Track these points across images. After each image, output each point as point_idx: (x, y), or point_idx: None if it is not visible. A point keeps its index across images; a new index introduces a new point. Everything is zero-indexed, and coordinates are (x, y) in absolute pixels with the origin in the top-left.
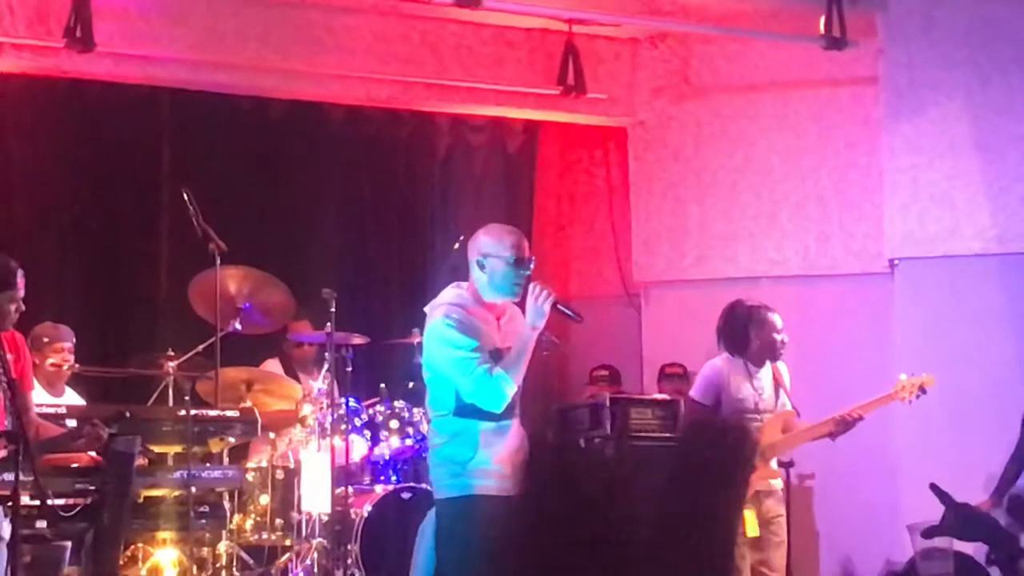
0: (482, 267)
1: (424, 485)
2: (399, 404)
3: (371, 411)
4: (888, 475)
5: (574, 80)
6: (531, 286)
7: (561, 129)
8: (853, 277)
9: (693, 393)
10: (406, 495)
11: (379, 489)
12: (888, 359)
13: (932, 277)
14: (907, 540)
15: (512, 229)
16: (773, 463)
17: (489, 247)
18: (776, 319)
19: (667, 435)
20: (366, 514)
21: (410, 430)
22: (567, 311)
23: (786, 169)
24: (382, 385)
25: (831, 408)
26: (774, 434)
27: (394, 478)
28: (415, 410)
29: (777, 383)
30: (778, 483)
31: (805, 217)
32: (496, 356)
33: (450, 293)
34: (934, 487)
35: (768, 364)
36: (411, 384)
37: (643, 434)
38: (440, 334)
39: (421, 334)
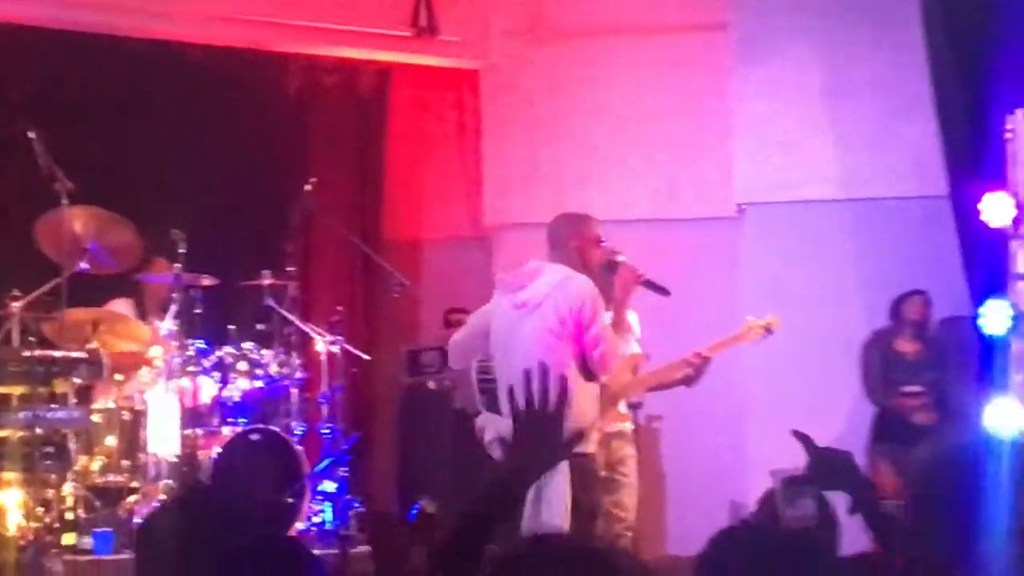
0: (578, 250)
1: (273, 427)
2: (248, 346)
3: (220, 353)
4: (735, 417)
5: (427, 22)
6: (622, 264)
7: (414, 71)
8: (702, 221)
9: None
10: (255, 436)
11: (227, 431)
12: (736, 302)
13: (779, 222)
14: (753, 482)
15: (589, 215)
16: (622, 406)
17: (583, 232)
18: None
19: None
20: (215, 456)
21: (259, 372)
22: (657, 286)
23: (638, 114)
24: (231, 327)
25: (680, 350)
26: (623, 377)
27: (243, 420)
28: (264, 352)
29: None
30: (628, 425)
31: (656, 162)
32: None
33: (566, 268)
34: (797, 432)
35: None
36: (260, 326)
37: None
38: (594, 302)
39: (273, 276)
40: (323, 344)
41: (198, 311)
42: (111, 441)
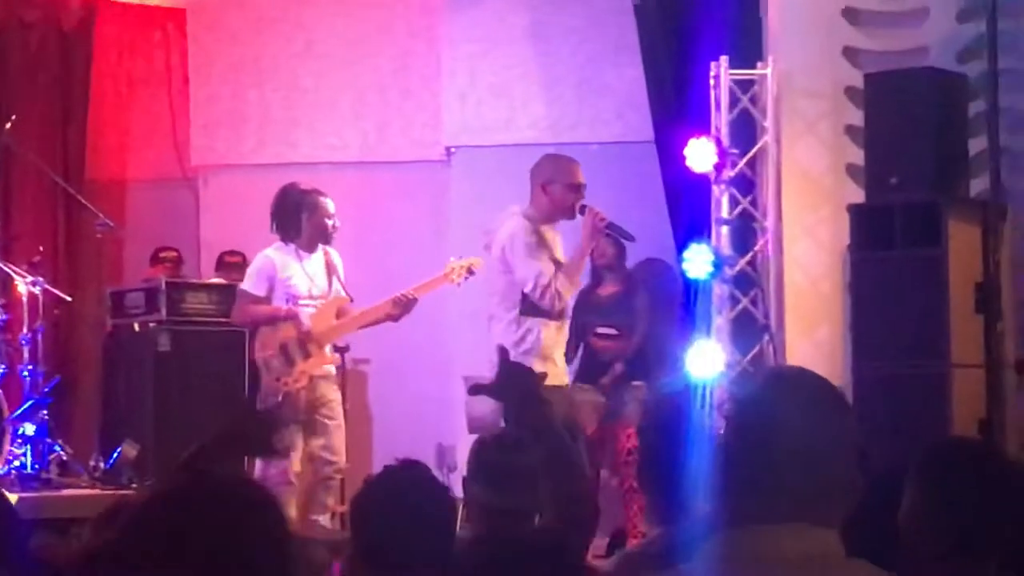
0: (545, 191)
1: None
2: None
3: None
4: (442, 359)
5: None
6: (589, 209)
7: (120, 8)
8: (411, 164)
9: (244, 285)
10: None
11: None
12: (444, 245)
13: (487, 165)
14: (459, 424)
15: (572, 159)
16: (327, 349)
17: (556, 174)
18: (328, 204)
19: (223, 319)
20: None
21: None
22: (622, 232)
23: (347, 56)
24: None
25: (387, 291)
26: (327, 320)
27: None
28: None
29: (330, 270)
30: (332, 368)
31: (365, 104)
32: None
33: (516, 209)
34: (500, 346)
35: (321, 251)
36: None
37: (199, 319)
38: (515, 240)
39: None
40: (24, 285)
41: None
42: None
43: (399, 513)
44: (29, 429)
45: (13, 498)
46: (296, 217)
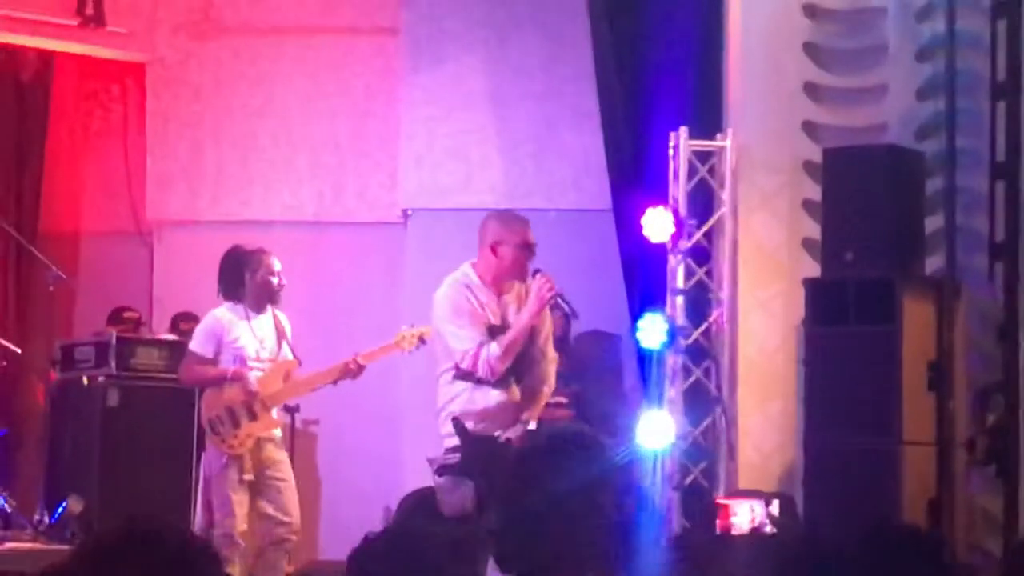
0: (495, 252)
1: None
2: None
3: None
4: (393, 421)
5: (93, 11)
6: (538, 276)
7: (79, 60)
8: (367, 226)
9: (192, 345)
10: None
11: None
12: (398, 308)
13: (443, 228)
14: (409, 488)
15: (521, 217)
16: (274, 412)
17: (503, 234)
18: (273, 262)
19: (173, 376)
20: None
21: None
22: (567, 306)
23: (305, 114)
24: None
25: (339, 353)
26: (275, 383)
27: None
28: None
29: (279, 332)
30: (278, 432)
31: (321, 164)
32: (492, 332)
33: (460, 271)
34: (456, 421)
35: (270, 312)
36: None
37: (148, 375)
38: (441, 308)
39: None
40: None
41: None
42: None
43: None
44: None
45: None
46: (239, 275)
